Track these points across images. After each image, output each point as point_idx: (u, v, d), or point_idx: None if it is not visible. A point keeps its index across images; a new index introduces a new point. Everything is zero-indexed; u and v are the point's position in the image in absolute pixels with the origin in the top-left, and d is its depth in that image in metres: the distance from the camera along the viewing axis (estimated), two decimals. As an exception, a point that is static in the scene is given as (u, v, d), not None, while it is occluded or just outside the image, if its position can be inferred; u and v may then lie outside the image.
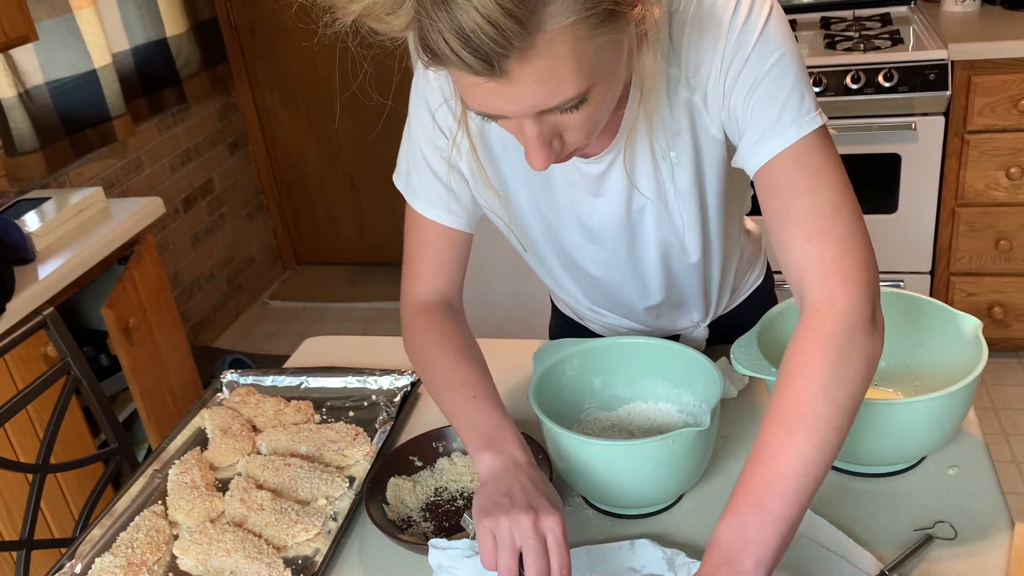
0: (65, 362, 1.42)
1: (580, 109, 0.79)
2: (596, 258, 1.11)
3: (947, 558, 0.90)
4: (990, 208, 2.50)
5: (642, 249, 1.08)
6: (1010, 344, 2.69)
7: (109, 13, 2.87)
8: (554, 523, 0.84)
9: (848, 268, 0.84)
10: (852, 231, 0.86)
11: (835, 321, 0.83)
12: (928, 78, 2.32)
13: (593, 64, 0.76)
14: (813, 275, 0.85)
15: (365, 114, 3.64)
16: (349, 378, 1.33)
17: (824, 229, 0.85)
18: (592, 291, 1.19)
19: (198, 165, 3.41)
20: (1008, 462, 2.37)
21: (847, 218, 0.86)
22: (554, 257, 1.14)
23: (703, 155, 0.98)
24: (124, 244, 2.20)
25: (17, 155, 2.49)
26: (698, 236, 1.06)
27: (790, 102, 0.86)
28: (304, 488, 1.10)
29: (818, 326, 0.84)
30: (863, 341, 0.83)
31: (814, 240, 0.85)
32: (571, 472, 0.99)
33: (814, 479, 0.80)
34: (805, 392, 0.81)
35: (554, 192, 1.04)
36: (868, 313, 0.84)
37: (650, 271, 1.11)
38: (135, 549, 1.03)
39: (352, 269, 3.96)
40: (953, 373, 0.98)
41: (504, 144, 1.01)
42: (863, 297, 0.84)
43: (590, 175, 1.00)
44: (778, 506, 0.78)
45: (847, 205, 0.86)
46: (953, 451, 1.04)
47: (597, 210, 1.04)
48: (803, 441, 0.80)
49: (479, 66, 0.71)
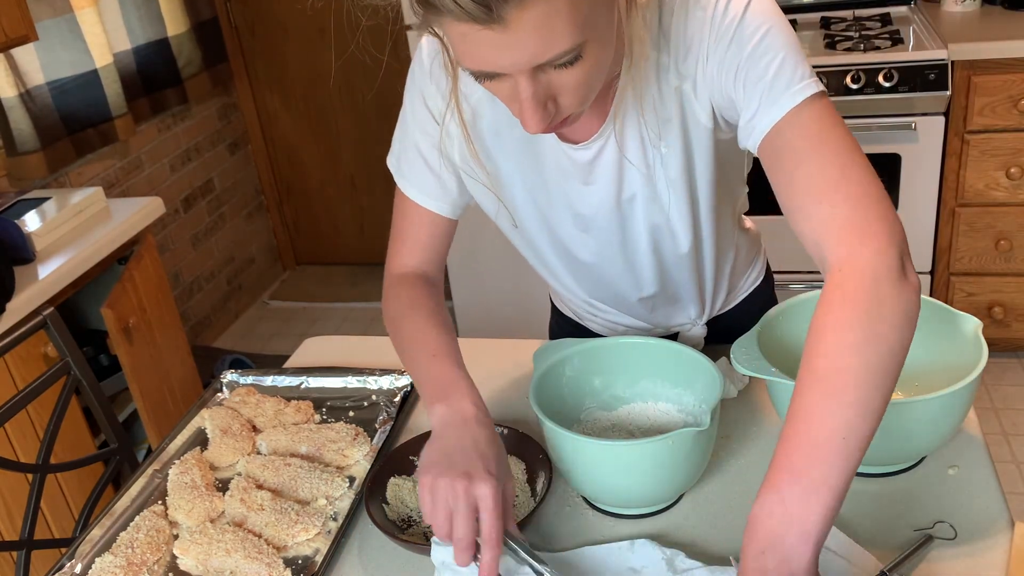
0: (65, 362, 1.42)
1: (575, 66, 0.79)
2: (588, 247, 1.11)
3: (947, 558, 0.90)
4: (990, 208, 2.50)
5: (633, 238, 1.09)
6: (1010, 344, 2.69)
7: (110, 13, 2.87)
8: (486, 490, 0.84)
9: (864, 223, 0.80)
10: (864, 188, 0.82)
11: (859, 277, 0.78)
12: (928, 78, 2.32)
13: (588, 16, 0.76)
14: (829, 236, 0.81)
15: (365, 114, 3.64)
16: (349, 378, 1.33)
17: (834, 189, 0.82)
18: (587, 282, 1.20)
19: (198, 165, 3.41)
20: (1008, 462, 2.37)
21: (857, 177, 0.82)
22: (549, 247, 1.14)
23: (692, 143, 0.98)
24: (124, 244, 2.20)
25: (17, 155, 2.49)
26: (688, 225, 1.06)
27: (781, 73, 0.86)
28: (304, 488, 1.10)
29: (841, 284, 0.78)
30: (892, 293, 0.77)
31: (825, 202, 0.82)
32: (571, 472, 0.99)
33: (857, 442, 0.74)
34: (834, 351, 0.76)
35: (546, 179, 1.04)
36: (895, 264, 0.79)
37: (642, 261, 1.12)
38: (135, 549, 1.03)
39: (352, 269, 3.96)
40: (953, 373, 0.98)
41: (497, 129, 1.02)
42: (887, 248, 0.79)
43: (580, 162, 1.01)
44: (818, 473, 0.73)
45: (855, 166, 0.83)
46: (953, 451, 1.04)
47: (588, 198, 1.04)
48: (837, 403, 0.74)
49: (477, 11, 0.72)
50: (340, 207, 3.90)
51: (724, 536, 0.96)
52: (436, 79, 1.02)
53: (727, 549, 0.94)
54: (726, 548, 0.94)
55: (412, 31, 2.68)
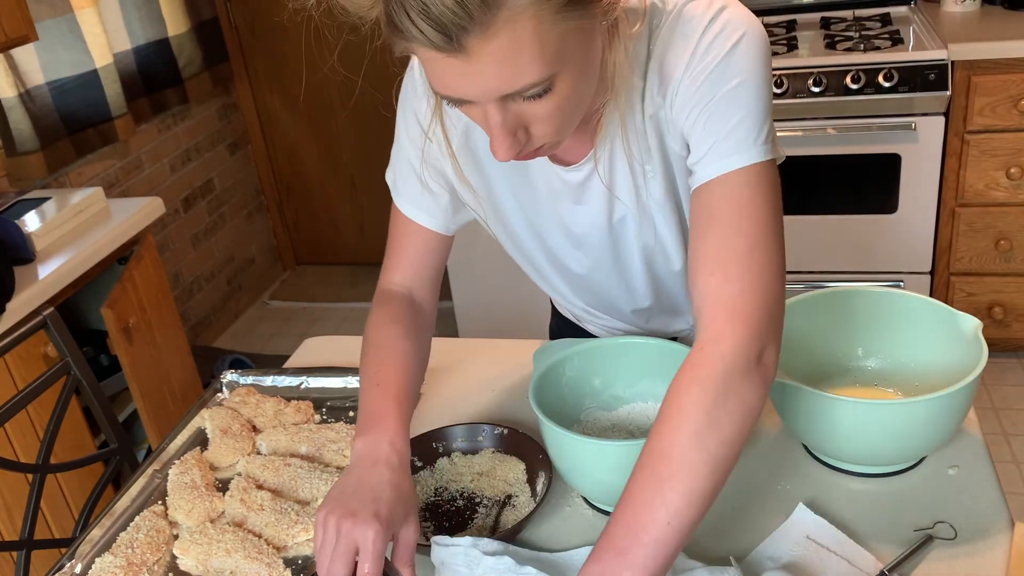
0: (65, 362, 1.42)
1: (545, 98, 0.78)
2: (581, 263, 1.11)
3: (947, 558, 0.90)
4: (990, 208, 2.50)
5: (626, 256, 1.08)
6: (1010, 344, 2.69)
7: (110, 13, 2.87)
8: (367, 533, 0.82)
9: (742, 308, 0.82)
10: (762, 271, 0.83)
11: (715, 363, 0.81)
12: (928, 78, 2.32)
13: (557, 50, 0.75)
14: (707, 310, 0.84)
15: (365, 114, 3.64)
16: (349, 378, 1.33)
17: (731, 266, 0.83)
18: (582, 292, 1.20)
19: (198, 165, 3.41)
20: (1008, 462, 2.37)
21: (760, 258, 0.83)
22: (543, 259, 1.14)
23: (673, 168, 0.97)
24: (124, 244, 2.20)
25: (17, 155, 2.49)
26: (679, 245, 1.05)
27: (738, 130, 0.85)
28: (304, 488, 1.10)
29: (697, 365, 0.82)
30: (740, 387, 0.80)
31: (718, 275, 0.84)
32: (571, 472, 0.99)
33: (679, 529, 0.77)
34: (675, 438, 0.79)
35: (538, 198, 1.04)
36: (752, 356, 0.81)
37: (636, 277, 1.12)
38: (135, 549, 1.03)
39: (352, 269, 3.96)
40: (953, 373, 0.98)
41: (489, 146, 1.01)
42: (751, 339, 0.81)
43: (571, 183, 1.00)
44: (640, 555, 0.76)
45: (765, 246, 0.84)
46: (953, 451, 1.04)
47: (580, 217, 1.04)
48: (669, 490, 0.77)
49: (439, 39, 0.72)
50: (340, 207, 3.90)
51: (724, 536, 0.96)
52: (428, 95, 1.01)
53: (727, 549, 0.94)
54: (726, 548, 0.94)
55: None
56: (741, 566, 0.90)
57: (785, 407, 1.03)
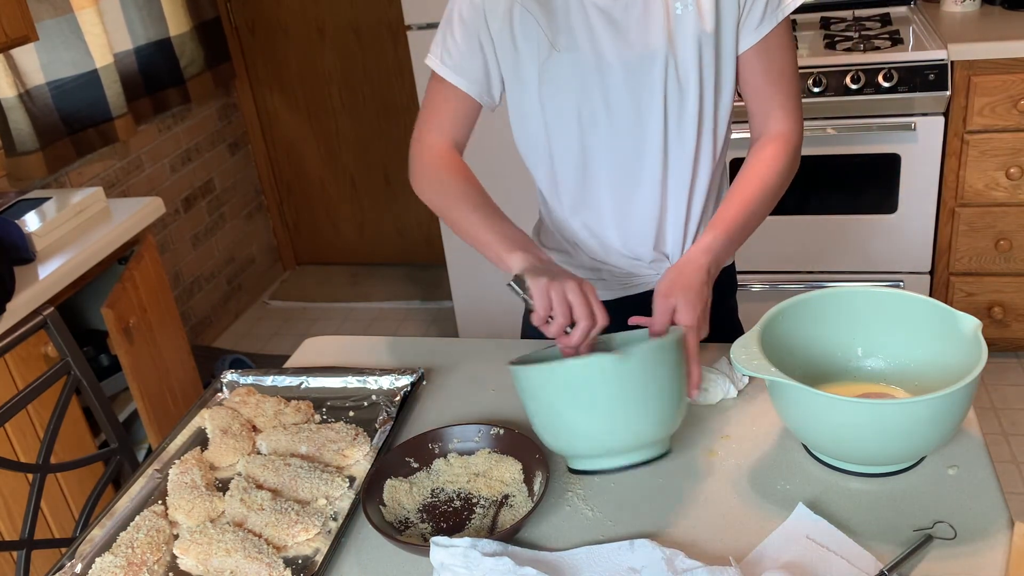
0: (65, 362, 1.42)
1: None
2: (604, 126, 1.24)
3: (947, 558, 0.90)
4: (990, 208, 2.50)
5: (648, 105, 1.22)
6: (1010, 344, 2.69)
7: (111, 13, 2.87)
8: (591, 287, 1.07)
9: (799, 115, 1.26)
10: (800, 95, 1.28)
11: (794, 148, 1.25)
12: (928, 78, 2.32)
13: None
14: (786, 116, 1.25)
15: (365, 114, 3.64)
16: (349, 378, 1.33)
17: (796, 91, 1.27)
18: (580, 190, 1.30)
19: (198, 165, 3.41)
20: (1008, 462, 2.37)
21: (800, 86, 1.34)
22: (561, 135, 1.26)
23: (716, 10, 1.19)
24: (124, 244, 2.20)
25: (17, 155, 2.49)
26: (695, 109, 1.22)
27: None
28: (304, 488, 1.10)
29: (788, 142, 1.24)
30: (797, 165, 1.26)
31: (793, 97, 1.25)
32: (540, 413, 1.03)
33: (750, 230, 1.22)
34: (768, 176, 1.21)
35: (575, 35, 1.20)
36: (801, 146, 1.28)
37: (651, 136, 1.23)
38: (135, 549, 1.03)
39: (352, 269, 3.96)
40: (953, 373, 0.98)
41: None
42: (801, 136, 1.26)
43: (612, 14, 1.18)
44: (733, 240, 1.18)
45: (799, 78, 1.29)
46: (953, 451, 1.04)
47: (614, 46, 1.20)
48: (760, 204, 1.21)
49: None
50: (340, 207, 3.90)
51: (724, 536, 0.97)
52: None
53: (727, 549, 0.94)
54: (726, 548, 0.94)
55: (412, 31, 2.68)
56: (741, 566, 0.90)
57: (785, 407, 1.03)
